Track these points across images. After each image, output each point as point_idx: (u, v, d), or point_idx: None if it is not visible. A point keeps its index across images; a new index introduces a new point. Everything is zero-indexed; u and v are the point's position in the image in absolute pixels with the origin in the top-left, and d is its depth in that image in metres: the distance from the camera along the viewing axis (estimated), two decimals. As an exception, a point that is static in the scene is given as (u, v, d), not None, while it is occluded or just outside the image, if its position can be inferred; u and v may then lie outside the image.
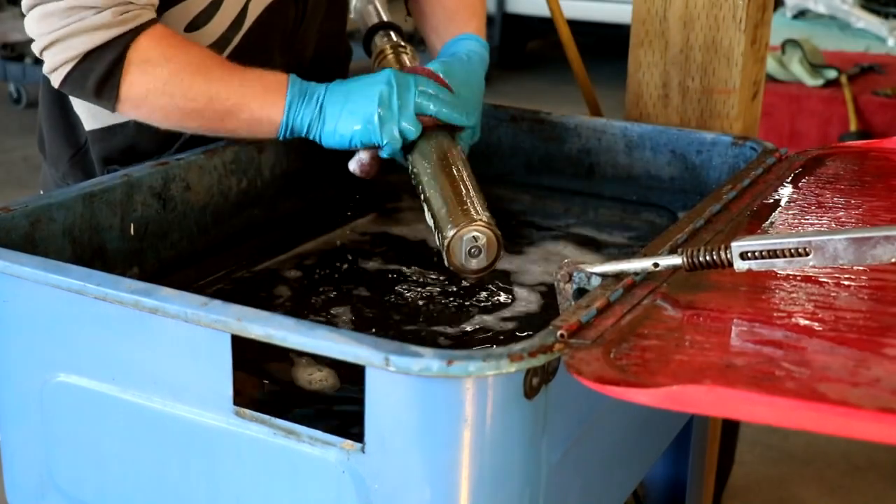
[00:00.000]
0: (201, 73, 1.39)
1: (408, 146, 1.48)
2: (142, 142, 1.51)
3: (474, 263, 1.35)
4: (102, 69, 1.35)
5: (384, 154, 1.45)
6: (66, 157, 1.57)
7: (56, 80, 1.38)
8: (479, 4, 1.69)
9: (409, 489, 0.99)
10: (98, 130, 1.52)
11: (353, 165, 1.52)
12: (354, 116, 1.42)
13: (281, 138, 1.44)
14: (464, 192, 1.38)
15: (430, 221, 1.40)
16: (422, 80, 1.46)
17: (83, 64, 1.35)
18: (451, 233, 1.34)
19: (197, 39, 1.48)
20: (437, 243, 1.38)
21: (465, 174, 1.42)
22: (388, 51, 1.65)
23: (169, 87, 1.38)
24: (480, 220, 1.34)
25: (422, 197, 1.43)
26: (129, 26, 1.35)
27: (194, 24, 1.48)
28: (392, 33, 1.69)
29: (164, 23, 1.46)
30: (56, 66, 1.36)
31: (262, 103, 1.42)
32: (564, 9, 1.96)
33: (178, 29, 1.47)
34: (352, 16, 1.76)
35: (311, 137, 1.45)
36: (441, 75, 1.48)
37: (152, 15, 1.39)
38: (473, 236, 1.33)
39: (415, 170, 1.45)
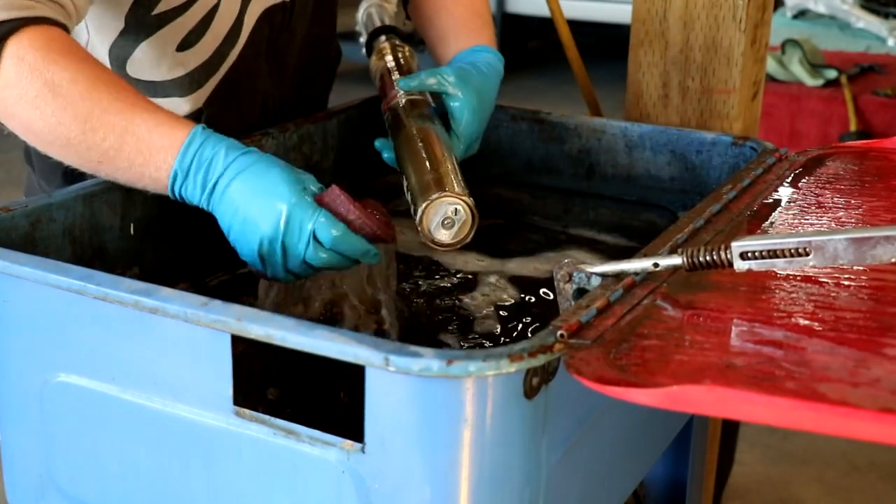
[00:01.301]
0: (84, 95, 1.19)
1: (392, 126, 1.48)
2: None
3: (445, 235, 1.33)
4: None
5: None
6: (59, 171, 1.50)
7: None
8: (487, 14, 1.65)
9: (409, 489, 0.99)
10: None
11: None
12: (240, 248, 1.23)
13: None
14: (444, 167, 1.37)
15: (408, 194, 1.38)
16: (320, 222, 1.19)
17: None
18: (426, 201, 1.32)
19: (189, 58, 1.45)
20: (412, 212, 1.35)
21: (446, 153, 1.40)
22: (387, 50, 1.66)
23: (40, 100, 1.19)
24: (457, 192, 1.33)
25: (403, 172, 1.41)
26: (15, 14, 1.19)
27: (186, 43, 1.44)
28: (392, 35, 1.70)
29: (155, 44, 1.42)
30: None
31: (144, 161, 1.21)
32: (564, 9, 1.96)
33: (169, 51, 1.43)
34: (357, 27, 1.75)
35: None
36: (455, 81, 1.47)
37: (54, 14, 1.23)
38: (450, 207, 1.32)
39: (397, 146, 1.45)
